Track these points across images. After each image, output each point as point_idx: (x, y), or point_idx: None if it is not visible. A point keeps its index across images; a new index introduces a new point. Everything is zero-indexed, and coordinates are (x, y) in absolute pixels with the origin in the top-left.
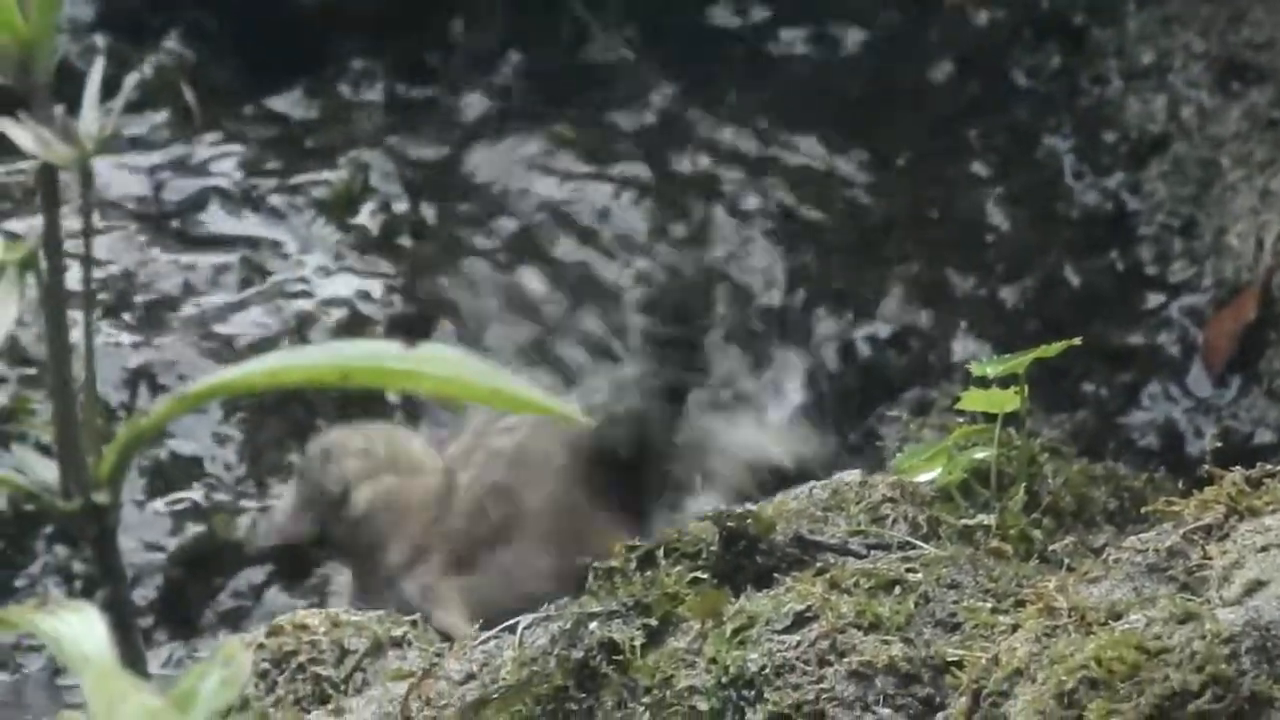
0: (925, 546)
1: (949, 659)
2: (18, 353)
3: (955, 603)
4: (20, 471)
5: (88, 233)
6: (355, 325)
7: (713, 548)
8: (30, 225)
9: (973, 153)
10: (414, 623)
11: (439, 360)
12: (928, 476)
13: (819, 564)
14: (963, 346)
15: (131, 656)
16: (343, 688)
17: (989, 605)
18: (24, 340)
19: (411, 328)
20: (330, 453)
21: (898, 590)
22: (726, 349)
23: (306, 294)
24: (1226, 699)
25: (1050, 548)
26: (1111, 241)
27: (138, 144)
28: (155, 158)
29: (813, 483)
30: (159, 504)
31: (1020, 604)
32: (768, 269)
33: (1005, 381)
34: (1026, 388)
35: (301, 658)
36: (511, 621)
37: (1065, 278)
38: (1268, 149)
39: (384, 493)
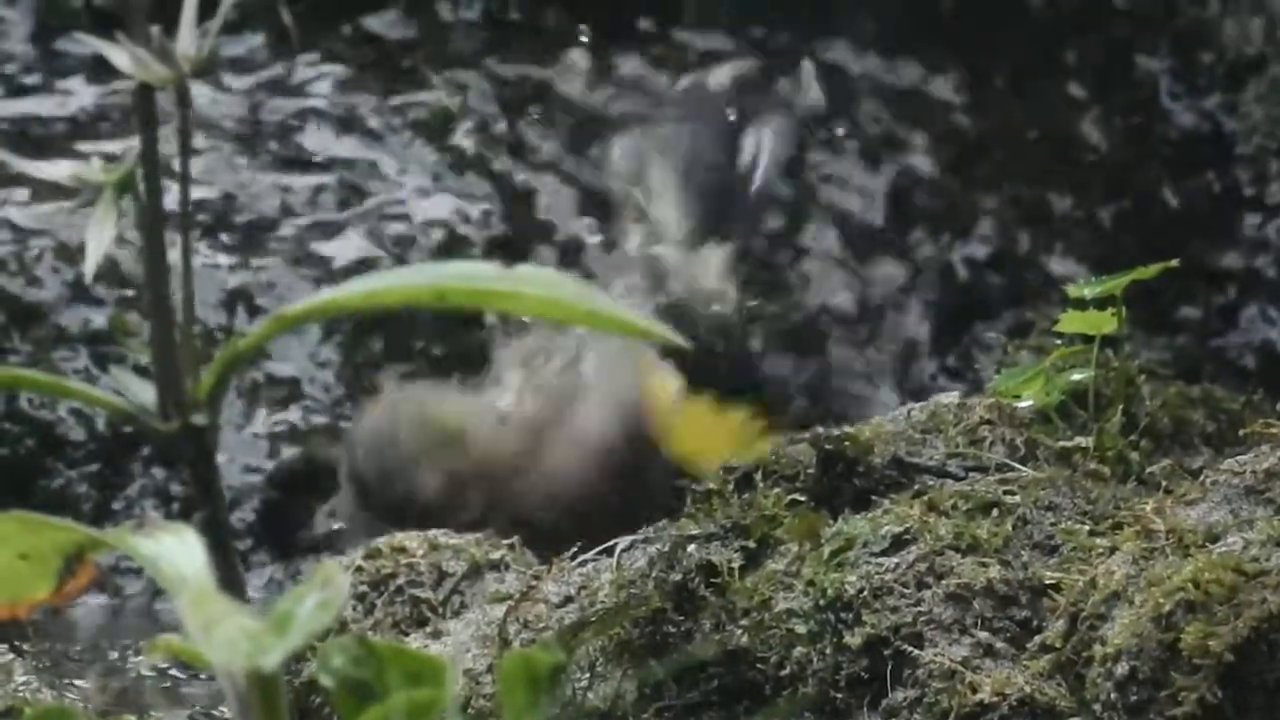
0: (1023, 469)
1: (1046, 581)
2: (116, 274)
3: (1053, 525)
4: (118, 393)
5: (185, 154)
6: (453, 246)
7: (810, 470)
8: (128, 146)
9: (1070, 72)
10: (511, 546)
11: (537, 281)
12: (1026, 400)
13: (916, 486)
14: (1060, 267)
15: (229, 579)
16: (441, 610)
17: (1086, 527)
18: (122, 262)
19: (509, 249)
20: (381, 436)
21: (995, 512)
22: (822, 270)
23: (404, 215)
24: None
25: (1148, 470)
26: (1208, 163)
27: (235, 65)
28: (253, 79)
29: (910, 405)
30: (257, 426)
31: (1118, 526)
32: (864, 189)
33: (1103, 303)
34: (1124, 309)
35: (399, 580)
36: (609, 544)
37: (1162, 198)
38: None
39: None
